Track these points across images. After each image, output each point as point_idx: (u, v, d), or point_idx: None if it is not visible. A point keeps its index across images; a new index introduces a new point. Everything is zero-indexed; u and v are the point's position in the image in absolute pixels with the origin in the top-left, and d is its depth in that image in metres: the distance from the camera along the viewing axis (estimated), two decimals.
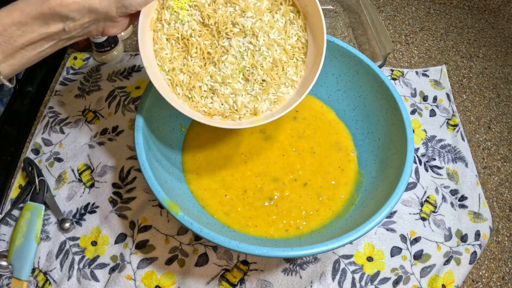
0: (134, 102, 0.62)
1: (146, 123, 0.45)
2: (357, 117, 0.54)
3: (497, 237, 0.55)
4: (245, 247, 0.36)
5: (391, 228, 0.52)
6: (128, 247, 0.49)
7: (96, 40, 0.64)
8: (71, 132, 0.59)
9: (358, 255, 0.50)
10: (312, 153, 0.52)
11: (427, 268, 0.50)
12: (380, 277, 0.48)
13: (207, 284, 0.46)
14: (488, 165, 0.62)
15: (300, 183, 0.49)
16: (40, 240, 0.49)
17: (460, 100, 0.69)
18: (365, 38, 0.70)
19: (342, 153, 0.53)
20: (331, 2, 0.77)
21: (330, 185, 0.50)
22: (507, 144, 0.65)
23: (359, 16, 0.73)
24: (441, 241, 0.52)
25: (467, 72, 0.74)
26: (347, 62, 0.52)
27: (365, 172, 0.50)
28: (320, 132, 0.54)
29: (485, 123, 0.67)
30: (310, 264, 0.48)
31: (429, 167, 0.59)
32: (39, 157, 0.56)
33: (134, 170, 0.55)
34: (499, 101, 0.71)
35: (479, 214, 0.55)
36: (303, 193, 0.49)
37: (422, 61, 0.74)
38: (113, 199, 0.52)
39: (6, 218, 0.51)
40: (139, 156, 0.41)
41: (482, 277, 0.52)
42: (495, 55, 0.78)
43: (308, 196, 0.48)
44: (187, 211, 0.40)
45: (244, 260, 0.48)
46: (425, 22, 0.82)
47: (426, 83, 0.69)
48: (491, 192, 0.59)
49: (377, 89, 0.50)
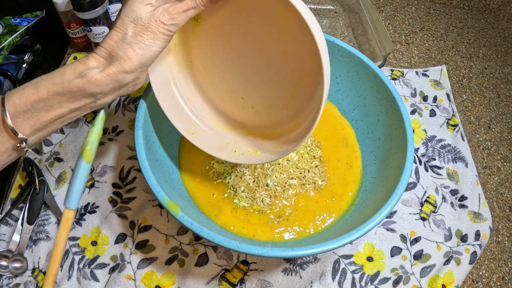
0: (134, 102, 0.62)
1: (146, 123, 0.45)
2: (357, 117, 0.54)
3: (497, 237, 0.55)
4: (245, 247, 0.36)
5: (391, 228, 0.52)
6: (128, 247, 0.49)
7: (96, 40, 0.64)
8: (71, 132, 0.59)
9: (358, 255, 0.50)
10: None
11: (427, 268, 0.50)
12: (380, 277, 0.48)
13: (207, 284, 0.46)
14: (488, 165, 0.62)
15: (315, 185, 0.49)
16: (92, 159, 0.33)
17: (460, 100, 0.69)
18: (365, 38, 0.70)
19: (349, 149, 0.53)
20: (331, 2, 0.77)
21: (341, 182, 0.50)
22: (507, 144, 0.65)
23: (359, 16, 0.73)
24: (441, 241, 0.52)
25: (467, 72, 0.74)
26: (347, 62, 0.52)
27: (365, 172, 0.50)
28: (327, 126, 0.54)
29: (485, 123, 0.67)
30: (310, 264, 0.48)
31: (429, 167, 0.59)
32: (39, 157, 0.56)
33: (134, 170, 0.55)
34: (499, 101, 0.71)
35: (479, 214, 0.55)
36: (318, 196, 0.48)
37: (422, 61, 0.74)
38: (113, 199, 0.52)
39: (6, 218, 0.51)
40: (139, 156, 0.41)
41: (482, 277, 0.52)
42: (495, 55, 0.78)
43: (324, 198, 0.48)
44: (186, 211, 0.40)
45: (244, 260, 0.48)
46: (425, 22, 0.82)
47: (426, 83, 0.69)
48: (491, 192, 0.59)
49: (377, 89, 0.50)
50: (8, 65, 0.65)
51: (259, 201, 0.46)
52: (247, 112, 0.45)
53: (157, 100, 0.44)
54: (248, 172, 0.48)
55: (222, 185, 0.48)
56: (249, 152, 0.44)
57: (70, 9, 0.62)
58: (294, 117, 0.43)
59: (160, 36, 0.35)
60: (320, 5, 0.77)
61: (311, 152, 0.51)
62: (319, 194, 0.48)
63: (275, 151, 0.42)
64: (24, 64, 0.65)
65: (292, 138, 0.42)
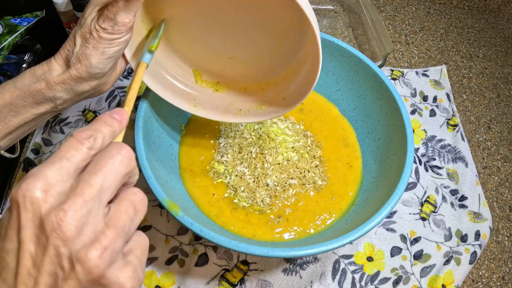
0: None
1: (146, 123, 0.45)
2: (357, 117, 0.54)
3: (497, 237, 0.55)
4: (245, 247, 0.36)
5: (391, 228, 0.52)
6: None
7: None
8: (71, 132, 0.59)
9: (358, 255, 0.50)
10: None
11: (427, 268, 0.50)
12: (380, 277, 0.48)
13: (207, 284, 0.46)
14: (488, 165, 0.62)
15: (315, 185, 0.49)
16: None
17: (460, 100, 0.69)
18: (365, 38, 0.70)
19: (349, 149, 0.53)
20: (331, 2, 0.77)
21: (342, 182, 0.50)
22: (507, 144, 0.65)
23: (359, 16, 0.73)
24: (441, 241, 0.52)
25: (467, 72, 0.74)
26: (347, 62, 0.52)
27: (365, 172, 0.50)
28: (328, 126, 0.54)
29: (485, 123, 0.67)
30: (310, 264, 0.48)
31: (429, 167, 0.59)
32: (39, 157, 0.56)
33: None
34: (499, 101, 0.71)
35: (479, 214, 0.55)
36: (318, 196, 0.48)
37: (422, 61, 0.74)
38: None
39: None
40: (139, 156, 0.41)
41: (482, 277, 0.52)
42: (495, 55, 0.78)
43: (324, 198, 0.48)
44: (186, 211, 0.40)
45: (244, 260, 0.48)
46: (425, 22, 0.82)
47: (426, 83, 0.69)
48: (491, 192, 0.59)
49: (377, 89, 0.50)
50: (8, 65, 0.64)
51: (259, 201, 0.46)
52: (238, 68, 0.45)
53: (154, 93, 0.44)
54: (248, 172, 0.48)
55: (222, 185, 0.48)
56: (254, 108, 0.44)
57: (70, 9, 0.62)
58: (286, 63, 0.43)
59: (102, 43, 0.33)
60: (320, 5, 0.77)
61: (311, 152, 0.51)
62: (319, 194, 0.48)
63: (279, 103, 0.42)
64: (24, 64, 0.65)
65: (292, 90, 0.42)
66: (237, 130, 0.51)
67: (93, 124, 0.24)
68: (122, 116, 0.26)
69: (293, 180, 0.48)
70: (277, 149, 0.48)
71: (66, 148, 0.22)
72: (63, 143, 0.22)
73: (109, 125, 0.24)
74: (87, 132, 0.23)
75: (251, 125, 0.51)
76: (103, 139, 0.24)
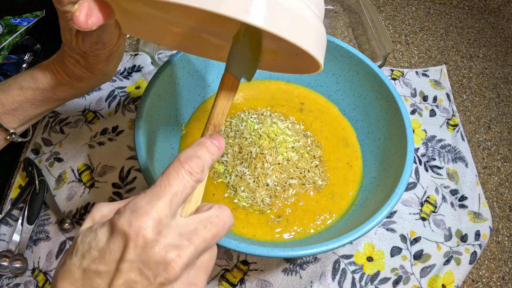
0: (134, 102, 0.62)
1: (146, 123, 0.45)
2: (357, 117, 0.54)
3: (497, 237, 0.55)
4: (245, 247, 0.36)
5: (391, 228, 0.52)
6: None
7: None
8: (71, 132, 0.59)
9: (358, 255, 0.50)
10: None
11: (427, 268, 0.50)
12: (380, 277, 0.48)
13: (207, 284, 0.46)
14: (488, 165, 0.62)
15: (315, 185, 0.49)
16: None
17: (460, 100, 0.69)
18: (365, 38, 0.70)
19: (349, 149, 0.53)
20: (331, 2, 0.77)
21: (342, 182, 0.50)
22: (507, 144, 0.65)
23: (359, 16, 0.73)
24: (441, 241, 0.52)
25: (467, 72, 0.74)
26: (347, 62, 0.52)
27: (365, 172, 0.50)
28: (328, 126, 0.54)
29: (485, 123, 0.67)
30: (310, 264, 0.48)
31: (429, 167, 0.59)
32: (39, 157, 0.56)
33: (134, 170, 0.55)
34: (499, 101, 0.71)
35: (479, 214, 0.55)
36: (318, 196, 0.48)
37: (422, 61, 0.74)
38: (113, 199, 0.52)
39: (6, 218, 0.51)
40: (139, 156, 0.41)
41: (482, 277, 0.52)
42: (495, 55, 0.78)
43: (324, 198, 0.48)
44: None
45: (244, 260, 0.48)
46: (425, 22, 0.82)
47: (426, 83, 0.69)
48: (491, 192, 0.59)
49: (377, 89, 0.50)
50: (8, 65, 0.64)
51: (259, 201, 0.46)
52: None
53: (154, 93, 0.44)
54: (248, 172, 0.48)
55: (222, 185, 0.48)
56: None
57: None
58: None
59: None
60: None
61: (311, 152, 0.51)
62: (319, 194, 0.48)
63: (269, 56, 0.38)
64: (24, 64, 0.65)
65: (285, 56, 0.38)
66: (237, 130, 0.51)
67: (197, 149, 0.25)
68: (221, 144, 0.27)
69: (293, 180, 0.48)
70: (277, 149, 0.48)
71: (177, 181, 0.23)
72: (173, 173, 0.23)
73: (212, 154, 0.25)
74: (198, 162, 0.24)
75: (251, 125, 0.51)
76: (208, 169, 0.25)
